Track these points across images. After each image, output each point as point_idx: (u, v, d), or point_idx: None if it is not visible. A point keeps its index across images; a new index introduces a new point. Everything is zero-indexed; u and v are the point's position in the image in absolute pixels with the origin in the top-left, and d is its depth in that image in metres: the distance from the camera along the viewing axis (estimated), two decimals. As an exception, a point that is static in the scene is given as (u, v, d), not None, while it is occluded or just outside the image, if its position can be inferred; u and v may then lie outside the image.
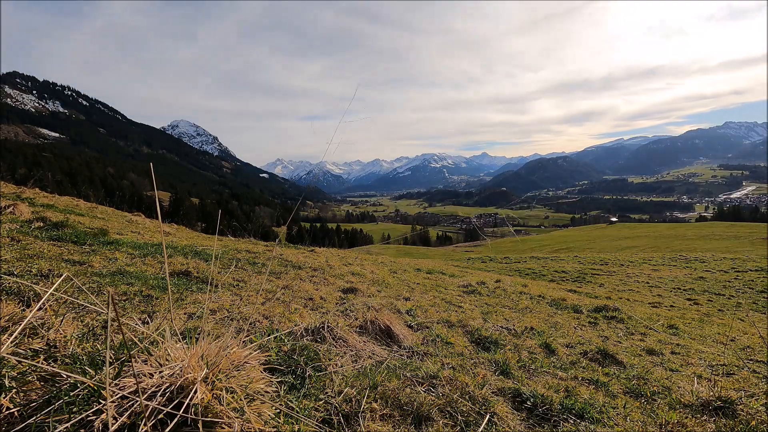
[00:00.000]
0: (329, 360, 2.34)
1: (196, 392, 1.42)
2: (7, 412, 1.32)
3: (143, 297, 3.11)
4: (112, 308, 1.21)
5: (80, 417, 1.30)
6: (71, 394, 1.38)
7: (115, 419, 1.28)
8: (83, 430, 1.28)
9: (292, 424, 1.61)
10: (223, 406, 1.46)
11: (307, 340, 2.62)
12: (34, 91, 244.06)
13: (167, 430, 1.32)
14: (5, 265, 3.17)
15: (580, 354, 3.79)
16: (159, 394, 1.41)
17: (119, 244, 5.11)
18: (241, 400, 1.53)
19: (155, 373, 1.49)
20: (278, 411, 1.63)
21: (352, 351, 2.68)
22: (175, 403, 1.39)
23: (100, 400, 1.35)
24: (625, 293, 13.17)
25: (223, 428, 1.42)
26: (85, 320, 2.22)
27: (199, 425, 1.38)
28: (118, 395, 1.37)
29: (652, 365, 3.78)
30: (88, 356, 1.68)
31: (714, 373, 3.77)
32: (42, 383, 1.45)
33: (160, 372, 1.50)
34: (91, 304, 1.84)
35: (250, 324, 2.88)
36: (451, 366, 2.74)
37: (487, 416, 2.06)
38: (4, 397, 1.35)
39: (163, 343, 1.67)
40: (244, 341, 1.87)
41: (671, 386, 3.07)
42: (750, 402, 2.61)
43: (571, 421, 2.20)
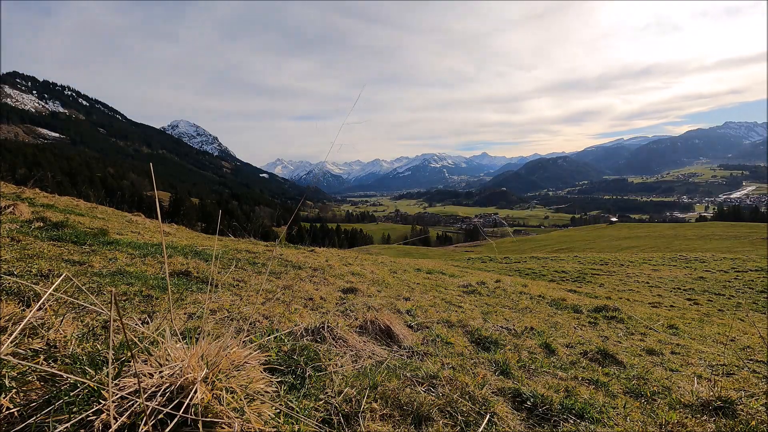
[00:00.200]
0: (329, 360, 2.34)
1: (196, 392, 1.42)
2: (7, 412, 1.32)
3: (143, 297, 3.11)
4: (114, 308, 1.21)
5: (80, 417, 1.30)
6: (71, 394, 1.38)
7: (116, 419, 1.28)
8: (83, 430, 1.28)
9: (292, 424, 1.61)
10: (223, 406, 1.46)
11: (307, 340, 2.62)
12: (34, 91, 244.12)
13: (167, 430, 1.32)
14: (5, 265, 3.17)
15: (580, 354, 3.79)
16: (159, 394, 1.41)
17: (119, 244, 5.11)
18: (241, 400, 1.53)
19: (155, 373, 1.49)
20: (278, 411, 1.63)
21: (352, 351, 2.69)
22: (175, 403, 1.39)
23: (100, 400, 1.35)
24: (625, 293, 13.17)
25: (223, 428, 1.42)
26: (85, 320, 2.22)
27: (199, 425, 1.38)
28: (119, 395, 1.37)
29: (652, 365, 3.78)
30: (88, 356, 1.68)
31: (714, 373, 3.77)
32: (42, 383, 1.45)
33: (160, 372, 1.50)
34: (91, 305, 1.84)
35: (250, 324, 2.88)
36: (451, 366, 2.74)
37: (487, 416, 2.06)
38: (4, 397, 1.35)
39: (163, 343, 1.67)
40: (244, 341, 1.87)
41: (671, 386, 3.06)
42: (750, 402, 2.61)
43: (571, 421, 2.20)
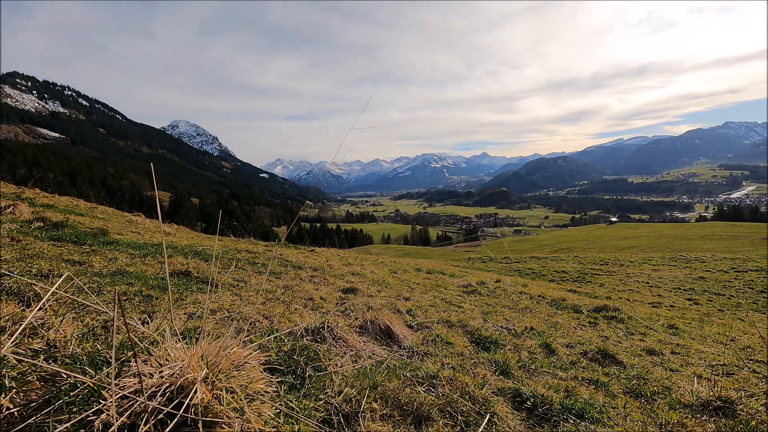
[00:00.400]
0: (329, 360, 2.34)
1: (196, 392, 1.42)
2: (7, 412, 1.32)
3: (143, 297, 3.11)
4: (117, 307, 1.21)
5: (80, 417, 1.30)
6: (71, 394, 1.38)
7: (116, 419, 1.28)
8: (83, 430, 1.28)
9: (292, 424, 1.61)
10: (223, 406, 1.46)
11: (307, 340, 2.62)
12: (34, 91, 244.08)
13: (167, 430, 1.32)
14: (5, 265, 3.17)
15: (580, 354, 3.79)
16: (159, 394, 1.41)
17: (119, 244, 5.11)
18: (241, 400, 1.53)
19: (155, 373, 1.49)
20: (278, 411, 1.63)
21: (352, 351, 2.69)
22: (175, 403, 1.39)
23: (100, 400, 1.35)
24: (625, 293, 13.17)
25: (223, 428, 1.42)
26: (85, 320, 2.22)
27: (199, 425, 1.38)
28: (119, 395, 1.37)
29: (652, 365, 3.78)
30: (88, 356, 1.68)
31: (714, 373, 3.77)
32: (42, 383, 1.45)
33: (160, 372, 1.50)
34: (93, 304, 1.84)
35: (250, 324, 2.88)
36: (451, 366, 2.74)
37: (487, 416, 2.06)
38: (4, 397, 1.35)
39: (163, 343, 1.67)
40: (244, 341, 1.87)
41: (671, 386, 3.06)
42: (750, 402, 2.61)
43: (571, 421, 2.20)
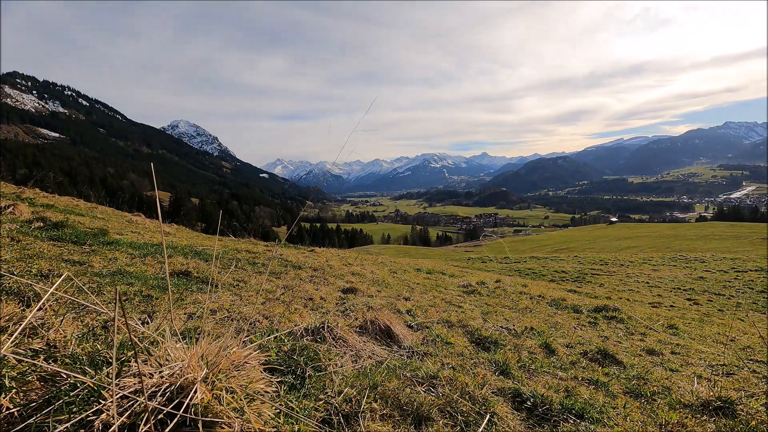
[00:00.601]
0: (329, 360, 2.34)
1: (196, 392, 1.42)
2: (7, 412, 1.32)
3: (143, 297, 3.11)
4: (118, 306, 1.21)
5: (80, 417, 1.30)
6: (71, 394, 1.38)
7: (116, 419, 1.28)
8: (83, 430, 1.28)
9: (292, 424, 1.61)
10: (223, 406, 1.46)
11: (307, 340, 2.62)
12: (34, 91, 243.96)
13: (167, 430, 1.32)
14: (5, 265, 3.17)
15: (580, 354, 3.79)
16: (159, 394, 1.41)
17: (119, 244, 5.11)
18: (241, 400, 1.53)
19: (155, 373, 1.49)
20: (278, 411, 1.63)
21: (352, 351, 2.69)
22: (175, 403, 1.39)
23: (100, 400, 1.35)
24: (625, 293, 13.17)
25: (223, 428, 1.42)
26: (85, 320, 2.22)
27: (199, 425, 1.38)
28: (119, 395, 1.37)
29: (652, 365, 3.78)
30: (88, 356, 1.68)
31: (714, 373, 3.77)
32: (42, 383, 1.45)
33: (160, 372, 1.50)
34: (93, 305, 1.84)
35: (250, 324, 2.88)
36: (451, 366, 2.74)
37: (487, 416, 2.06)
38: (4, 397, 1.35)
39: (163, 343, 1.67)
40: (244, 341, 1.87)
41: (671, 386, 3.07)
42: (750, 402, 2.61)
43: (571, 421, 2.20)
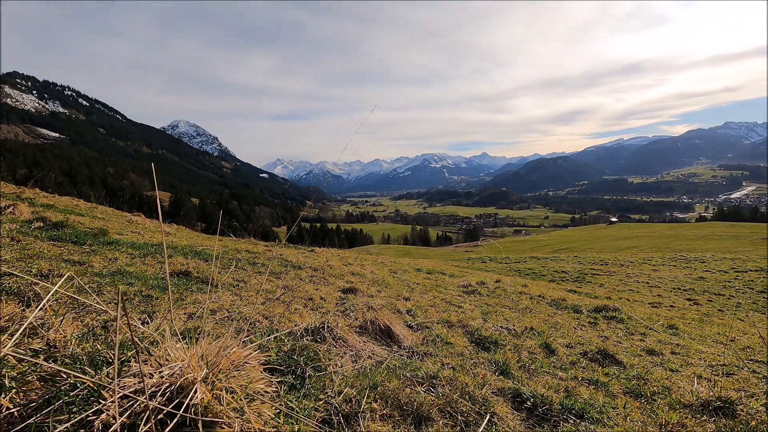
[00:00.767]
0: (329, 360, 2.34)
1: (196, 392, 1.42)
2: (7, 412, 1.32)
3: (143, 297, 3.11)
4: (120, 306, 1.21)
5: (80, 417, 1.30)
6: (71, 394, 1.38)
7: (116, 419, 1.28)
8: (83, 430, 1.28)
9: (292, 424, 1.61)
10: (223, 406, 1.46)
11: (307, 340, 2.62)
12: (34, 91, 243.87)
13: (167, 430, 1.32)
14: (5, 265, 3.17)
15: (580, 354, 3.79)
16: (159, 394, 1.41)
17: (119, 244, 5.11)
18: (241, 400, 1.53)
19: (155, 373, 1.49)
20: (278, 411, 1.63)
21: (352, 351, 2.69)
22: (175, 403, 1.40)
23: (100, 400, 1.35)
24: (625, 293, 13.17)
25: (223, 428, 1.42)
26: (85, 320, 2.22)
27: (199, 425, 1.38)
28: (119, 395, 1.37)
29: (652, 365, 3.78)
30: (88, 356, 1.68)
31: (714, 373, 3.77)
32: (42, 383, 1.45)
33: (160, 372, 1.50)
34: (93, 304, 1.84)
35: (250, 324, 2.88)
36: (451, 366, 2.74)
37: (487, 416, 2.06)
38: (4, 397, 1.35)
39: (163, 343, 1.67)
40: (244, 341, 1.87)
41: (671, 386, 3.07)
42: (750, 402, 2.61)
43: (571, 421, 2.20)
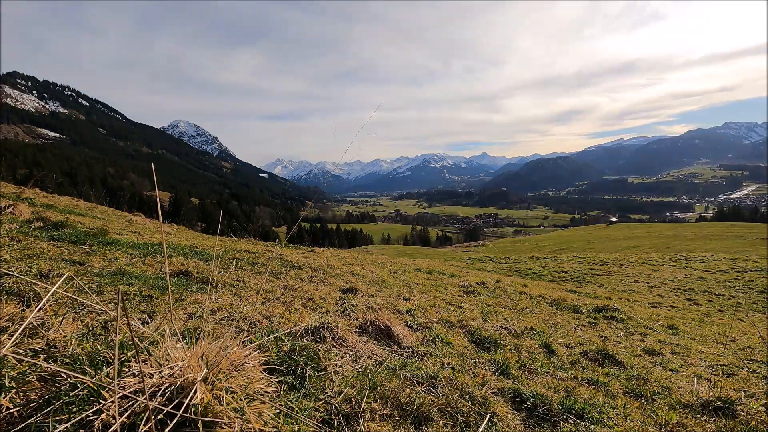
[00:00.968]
0: (329, 360, 2.34)
1: (196, 392, 1.42)
2: (7, 412, 1.32)
3: (143, 297, 3.11)
4: (121, 306, 1.21)
5: (80, 417, 1.30)
6: (71, 394, 1.38)
7: (116, 419, 1.28)
8: (83, 430, 1.28)
9: (292, 424, 1.61)
10: (223, 406, 1.46)
11: (307, 340, 2.62)
12: (34, 91, 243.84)
13: (167, 430, 1.32)
14: (5, 265, 3.17)
15: (580, 354, 3.79)
16: (159, 394, 1.41)
17: (119, 244, 5.11)
18: (241, 400, 1.53)
19: (155, 373, 1.49)
20: (278, 411, 1.63)
21: (352, 351, 2.69)
22: (175, 403, 1.40)
23: (100, 400, 1.35)
24: (625, 293, 13.17)
25: (223, 428, 1.42)
26: (85, 320, 2.22)
27: (199, 425, 1.38)
28: (119, 395, 1.37)
29: (652, 365, 3.78)
30: (88, 356, 1.68)
31: (714, 373, 3.77)
32: (42, 383, 1.45)
33: (160, 372, 1.50)
34: (93, 304, 1.84)
35: (250, 324, 2.88)
36: (451, 366, 2.74)
37: (487, 416, 2.06)
38: (4, 397, 1.35)
39: (163, 343, 1.67)
40: (244, 341, 1.87)
41: (671, 386, 3.07)
42: (750, 402, 2.61)
43: (571, 421, 2.20)
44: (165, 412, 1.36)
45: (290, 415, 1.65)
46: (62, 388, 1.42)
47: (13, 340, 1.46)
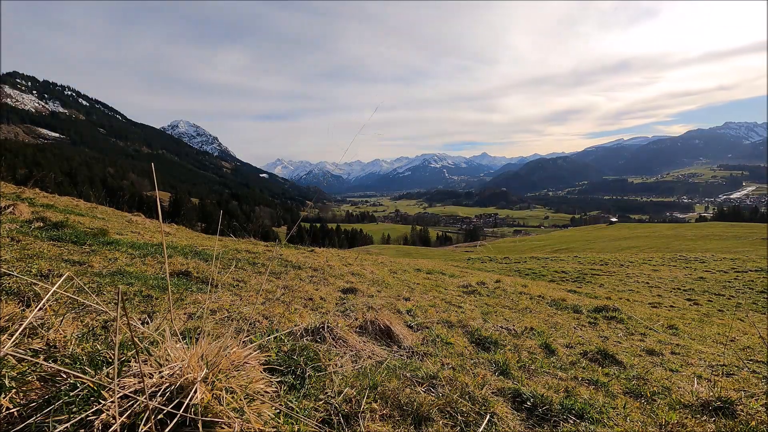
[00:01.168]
0: (329, 360, 2.34)
1: (195, 392, 1.42)
2: (7, 412, 1.32)
3: (143, 297, 3.11)
4: (120, 306, 1.21)
5: (80, 417, 1.30)
6: (71, 394, 1.38)
7: (116, 419, 1.28)
8: (83, 430, 1.28)
9: (292, 424, 1.61)
10: (222, 406, 1.46)
11: (307, 340, 2.62)
12: (34, 91, 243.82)
13: (167, 430, 1.32)
14: (5, 265, 3.17)
15: (579, 354, 3.79)
16: (159, 394, 1.41)
17: (119, 244, 5.11)
18: (240, 400, 1.53)
19: (155, 373, 1.49)
20: (278, 411, 1.63)
21: (352, 351, 2.68)
22: (175, 403, 1.40)
23: (100, 400, 1.35)
24: (625, 293, 13.17)
25: (223, 428, 1.42)
26: (85, 320, 2.22)
27: (199, 425, 1.38)
28: (119, 395, 1.37)
29: (652, 365, 3.78)
30: (88, 356, 1.68)
31: (714, 373, 3.77)
32: (42, 383, 1.45)
33: (160, 372, 1.50)
34: (93, 304, 1.84)
35: (250, 324, 2.88)
36: (451, 366, 2.74)
37: (487, 416, 2.06)
38: (4, 397, 1.35)
39: (163, 343, 1.67)
40: (244, 341, 1.87)
41: (671, 386, 3.07)
42: (750, 402, 2.61)
43: (571, 422, 2.20)
44: (165, 412, 1.36)
45: (290, 415, 1.65)
46: (62, 388, 1.42)
47: (13, 340, 1.46)
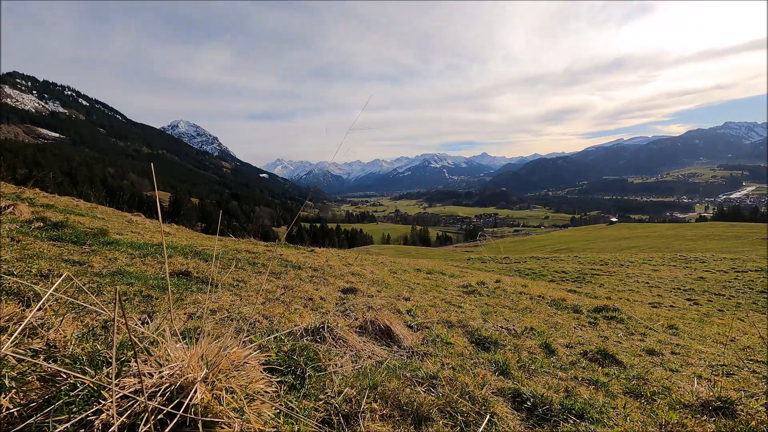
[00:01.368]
0: (329, 360, 2.34)
1: (195, 392, 1.42)
2: (7, 413, 1.32)
3: (143, 297, 3.11)
4: (119, 306, 1.21)
5: (80, 417, 1.30)
6: (71, 394, 1.38)
7: (115, 419, 1.28)
8: (83, 430, 1.28)
9: (292, 424, 1.61)
10: (222, 406, 1.46)
11: (307, 340, 2.62)
12: (34, 91, 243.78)
13: (167, 430, 1.32)
14: (5, 265, 3.17)
15: (579, 354, 3.78)
16: (159, 394, 1.41)
17: (119, 244, 5.11)
18: (240, 400, 1.53)
19: (155, 373, 1.49)
20: (278, 411, 1.63)
21: (352, 351, 2.68)
22: (175, 403, 1.39)
23: (100, 400, 1.35)
24: (625, 293, 13.17)
25: (223, 428, 1.42)
26: (85, 320, 2.22)
27: (199, 425, 1.38)
28: (119, 395, 1.37)
29: (652, 365, 3.78)
30: (88, 356, 1.68)
31: (714, 373, 3.77)
32: (42, 383, 1.45)
33: (160, 372, 1.50)
34: (92, 305, 1.84)
35: (250, 324, 2.88)
36: (451, 366, 2.74)
37: (487, 416, 2.06)
38: (4, 397, 1.35)
39: (163, 343, 1.67)
40: (244, 341, 1.87)
41: (671, 386, 3.06)
42: (750, 402, 2.61)
43: (571, 422, 2.20)
44: (165, 412, 1.36)
45: (290, 415, 1.65)
46: (62, 388, 1.42)
47: (12, 340, 1.46)
